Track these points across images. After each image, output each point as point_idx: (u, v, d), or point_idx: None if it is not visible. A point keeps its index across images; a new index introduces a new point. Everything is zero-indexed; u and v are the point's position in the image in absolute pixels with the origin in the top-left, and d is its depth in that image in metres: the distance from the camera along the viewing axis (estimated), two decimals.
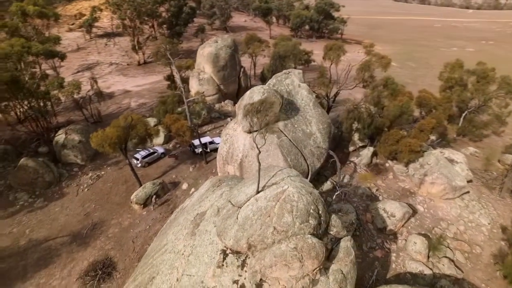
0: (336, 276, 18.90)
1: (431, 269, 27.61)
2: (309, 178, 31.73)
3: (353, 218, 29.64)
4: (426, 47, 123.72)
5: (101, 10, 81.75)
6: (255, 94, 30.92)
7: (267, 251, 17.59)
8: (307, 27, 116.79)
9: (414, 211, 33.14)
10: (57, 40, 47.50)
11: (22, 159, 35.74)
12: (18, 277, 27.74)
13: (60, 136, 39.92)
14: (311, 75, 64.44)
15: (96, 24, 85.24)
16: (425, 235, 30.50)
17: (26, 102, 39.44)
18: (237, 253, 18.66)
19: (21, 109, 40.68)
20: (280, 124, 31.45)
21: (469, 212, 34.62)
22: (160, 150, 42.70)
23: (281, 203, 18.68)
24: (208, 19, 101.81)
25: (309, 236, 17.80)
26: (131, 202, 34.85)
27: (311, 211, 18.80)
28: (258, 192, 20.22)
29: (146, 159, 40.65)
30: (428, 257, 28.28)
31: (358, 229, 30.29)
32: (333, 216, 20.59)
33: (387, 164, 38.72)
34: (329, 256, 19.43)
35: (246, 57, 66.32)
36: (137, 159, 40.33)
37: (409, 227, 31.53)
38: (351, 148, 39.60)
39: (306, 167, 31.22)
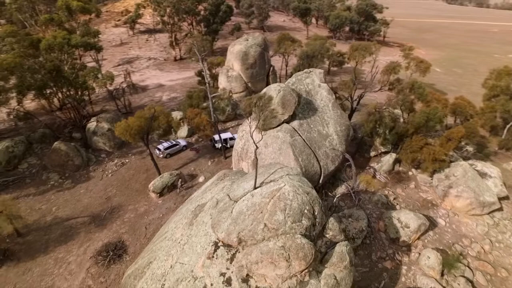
0: (328, 281, 18.42)
1: (444, 287, 25.83)
2: (321, 180, 31.05)
3: (363, 225, 28.54)
4: (478, 53, 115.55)
5: (144, 7, 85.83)
6: (271, 91, 30.85)
7: (255, 247, 17.54)
8: (347, 28, 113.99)
9: (434, 224, 31.20)
10: (96, 33, 50.73)
11: (55, 143, 38.64)
12: (40, 250, 30.06)
13: (92, 124, 42.59)
14: (344, 77, 62.88)
15: (139, 20, 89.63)
16: (442, 251, 28.62)
17: (65, 90, 42.60)
18: (228, 246, 18.79)
19: (61, 97, 43.94)
20: (295, 123, 31.07)
21: (499, 231, 31.91)
22: (183, 142, 44.00)
23: (274, 201, 18.53)
24: (246, 18, 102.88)
25: (299, 236, 17.46)
26: (148, 190, 36.31)
27: (305, 211, 18.44)
28: (255, 188, 20.21)
29: (168, 151, 42.08)
30: (442, 274, 26.47)
31: (368, 237, 29.12)
32: (331, 219, 20.01)
33: (410, 173, 36.77)
34: (322, 259, 18.96)
35: (279, 56, 66.23)
36: (160, 150, 41.89)
37: (426, 241, 29.72)
38: (372, 153, 38.09)
39: (319, 168, 30.55)
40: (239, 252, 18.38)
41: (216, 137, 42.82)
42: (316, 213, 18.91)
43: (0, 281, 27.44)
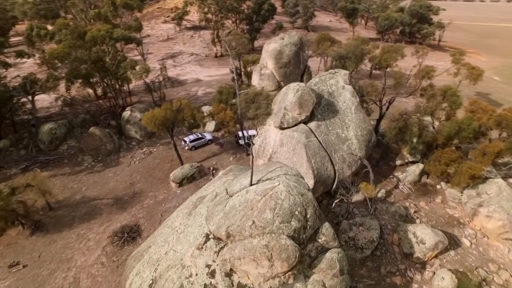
0: (315, 287, 17.91)
1: None
2: (334, 184, 30.06)
3: (375, 235, 27.15)
4: None
5: (191, 4, 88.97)
6: (290, 91, 30.52)
7: (240, 242, 17.57)
8: (398, 31, 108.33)
9: (457, 244, 28.74)
10: (138, 28, 53.73)
11: (91, 128, 41.77)
12: (66, 225, 32.78)
13: (126, 113, 45.30)
14: (388, 81, 59.87)
15: (186, 17, 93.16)
16: (462, 273, 26.31)
17: (105, 80, 45.82)
18: (218, 239, 19.03)
19: (102, 86, 47.31)
20: (313, 124, 30.39)
21: None
22: (208, 136, 45.10)
23: (266, 199, 18.40)
24: (291, 18, 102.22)
25: (285, 237, 17.16)
26: (169, 179, 37.81)
27: (296, 212, 18.06)
28: (251, 184, 20.20)
29: (193, 143, 43.41)
30: None
31: (380, 249, 27.64)
32: (326, 224, 19.36)
33: (438, 186, 34.17)
34: (311, 264, 18.44)
35: (316, 57, 65.00)
36: (185, 142, 43.36)
37: (445, 260, 27.48)
38: (398, 162, 35.97)
39: (333, 172, 29.60)
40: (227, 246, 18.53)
41: (241, 133, 43.31)
42: (308, 216, 18.43)
43: (29, 248, 30.43)
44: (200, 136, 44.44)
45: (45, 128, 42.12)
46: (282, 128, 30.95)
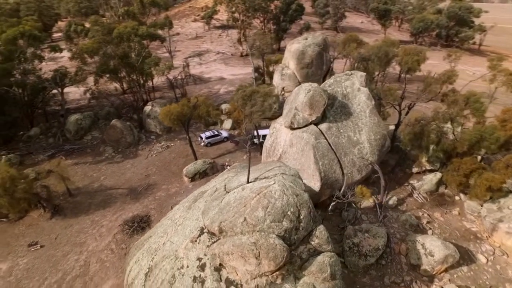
0: None
1: None
2: (342, 188, 29.37)
3: (380, 243, 26.25)
4: None
5: (220, 3, 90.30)
6: (301, 91, 30.22)
7: (229, 238, 17.71)
8: (434, 34, 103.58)
9: (471, 260, 27.13)
10: (163, 25, 55.38)
11: (113, 120, 43.64)
12: (82, 211, 34.52)
13: (148, 107, 46.89)
14: (411, 86, 57.58)
15: (215, 16, 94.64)
16: None
17: (131, 75, 47.69)
18: (212, 234, 19.29)
19: (127, 81, 49.29)
20: (323, 126, 29.88)
21: None
22: (224, 134, 45.63)
23: (259, 197, 18.41)
24: (320, 18, 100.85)
25: (274, 236, 17.08)
26: (183, 174, 38.69)
27: (289, 212, 17.92)
28: (248, 182, 20.27)
29: (209, 140, 44.11)
30: None
31: (385, 258, 26.68)
32: (320, 227, 19.03)
33: (456, 197, 32.40)
34: (302, 266, 18.20)
35: (341, 58, 63.72)
36: (201, 138, 44.17)
37: (455, 276, 26.03)
38: (415, 170, 34.48)
39: (341, 175, 28.93)
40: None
41: (256, 132, 43.41)
42: (301, 217, 18.22)
43: (48, 230, 32.39)
44: (216, 133, 45.07)
45: (72, 118, 44.59)
46: (292, 129, 30.70)
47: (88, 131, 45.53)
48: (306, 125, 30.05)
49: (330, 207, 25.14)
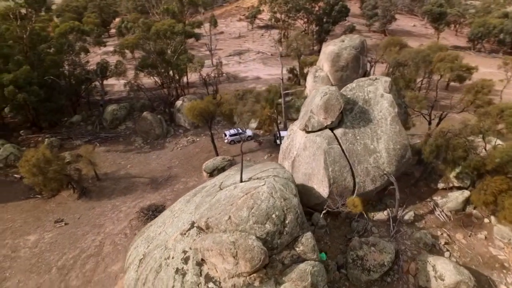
0: None
1: None
2: (353, 197, 28.05)
3: (386, 259, 24.68)
4: None
5: (264, 3, 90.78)
6: (318, 94, 29.43)
7: (212, 234, 17.87)
8: (496, 39, 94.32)
9: None
10: (199, 24, 57.05)
11: (145, 112, 46.03)
12: (106, 195, 36.96)
13: (178, 102, 48.75)
14: (459, 96, 53.27)
15: (259, 16, 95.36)
16: None
17: (165, 71, 49.95)
18: (200, 228, 19.61)
19: (162, 76, 51.65)
20: (339, 131, 28.81)
21: None
22: (249, 133, 45.91)
23: (247, 197, 18.36)
24: (368, 20, 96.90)
25: (254, 238, 16.91)
26: (202, 169, 39.69)
27: (273, 216, 17.64)
28: (241, 181, 20.27)
29: (232, 137, 44.71)
30: None
31: (391, 276, 25.03)
32: (308, 234, 18.45)
33: (486, 220, 29.34)
34: (284, 271, 17.80)
35: (381, 62, 60.79)
36: (225, 135, 44.90)
37: None
38: (440, 185, 31.80)
39: (352, 184, 27.66)
40: None
41: (282, 133, 43.14)
42: (286, 222, 17.82)
43: (74, 209, 35.20)
44: (240, 131, 45.49)
45: (109, 108, 47.89)
46: (307, 132, 30.01)
47: (123, 121, 48.54)
48: (320, 129, 29.21)
49: (321, 215, 24.12)
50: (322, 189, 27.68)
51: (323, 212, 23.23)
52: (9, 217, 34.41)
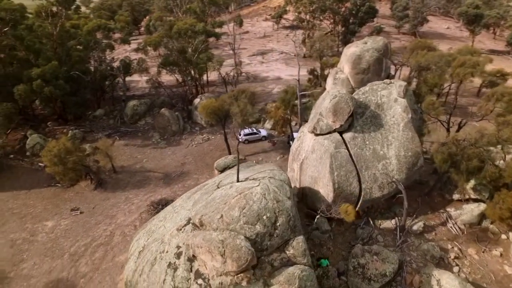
0: None
1: None
2: (359, 204, 27.41)
3: (389, 269, 23.91)
4: None
5: (290, 3, 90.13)
6: (327, 96, 29.01)
7: (203, 231, 18.11)
8: None
9: None
10: (220, 23, 57.63)
11: (162, 109, 47.27)
12: (120, 187, 38.39)
13: (197, 100, 49.63)
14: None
15: (285, 16, 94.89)
16: None
17: (186, 69, 51.05)
18: (195, 225, 19.93)
19: (183, 73, 52.80)
20: (348, 135, 28.19)
21: None
22: (263, 133, 45.96)
23: (240, 197, 18.46)
24: (398, 22, 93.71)
25: (243, 238, 16.97)
26: (214, 166, 40.21)
27: (264, 217, 17.63)
28: (238, 181, 20.39)
29: (246, 137, 44.92)
30: None
31: (393, 286, 24.21)
32: (299, 238, 18.25)
33: (503, 236, 27.62)
34: (272, 273, 17.73)
35: (407, 66, 58.69)
36: (240, 135, 45.19)
37: None
38: (455, 196, 30.25)
39: (357, 190, 26.97)
40: None
41: (294, 134, 42.84)
42: (278, 224, 17.74)
43: (90, 199, 36.86)
44: (255, 131, 45.64)
45: (130, 104, 49.65)
46: (316, 134, 29.61)
47: (143, 116, 50.14)
48: (329, 132, 28.72)
49: (315, 220, 23.64)
50: (327, 193, 27.22)
51: (317, 217, 22.82)
52: (31, 202, 36.62)
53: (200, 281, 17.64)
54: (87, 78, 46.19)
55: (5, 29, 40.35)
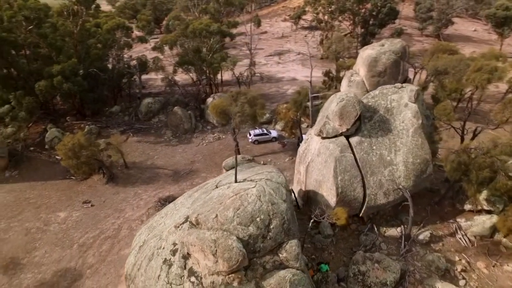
0: None
1: None
2: (362, 210, 26.90)
3: (389, 279, 23.35)
4: None
5: (309, 4, 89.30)
6: (335, 99, 28.56)
7: (198, 230, 18.31)
8: None
9: None
10: (235, 24, 57.88)
11: (175, 107, 48.03)
12: (131, 182, 39.36)
13: (209, 99, 50.09)
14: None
15: (304, 17, 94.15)
16: None
17: (200, 68, 51.67)
18: (192, 223, 20.15)
19: (198, 72, 53.45)
20: (354, 139, 27.70)
21: None
22: (274, 134, 45.85)
23: (235, 198, 18.55)
24: (421, 24, 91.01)
25: (235, 238, 17.03)
26: (222, 166, 40.49)
27: (257, 219, 17.64)
28: (236, 181, 20.48)
29: (256, 137, 44.96)
30: None
31: None
32: (293, 241, 18.12)
33: None
34: (264, 275, 17.71)
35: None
36: (250, 135, 45.29)
37: None
38: (467, 207, 29.08)
39: (361, 195, 26.45)
40: None
41: (304, 136, 42.50)
42: (271, 227, 17.71)
43: (101, 193, 38.02)
44: (265, 132, 45.61)
45: (145, 101, 50.75)
46: (322, 138, 29.27)
47: (156, 114, 51.16)
48: (335, 136, 28.33)
49: (310, 224, 23.27)
50: (330, 197, 26.91)
51: (311, 221, 22.55)
52: (47, 193, 38.17)
53: (193, 278, 17.86)
54: (104, 76, 47.58)
55: (30, 27, 42.12)
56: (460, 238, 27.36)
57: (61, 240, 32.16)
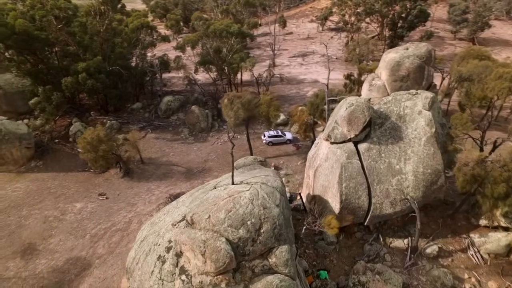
0: None
1: None
2: (367, 219, 26.13)
3: None
4: None
5: (336, 5, 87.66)
6: (344, 104, 27.96)
7: (190, 229, 18.58)
8: None
9: None
10: (255, 24, 57.83)
11: (193, 106, 48.89)
12: (145, 178, 40.53)
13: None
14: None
15: (331, 18, 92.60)
16: None
17: (221, 68, 52.29)
18: (188, 222, 20.49)
19: (218, 72, 54.14)
20: (362, 146, 26.96)
21: None
22: (288, 136, 45.53)
23: (228, 200, 18.66)
24: (454, 26, 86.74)
25: (224, 240, 17.14)
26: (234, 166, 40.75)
27: (248, 222, 17.65)
28: (233, 183, 20.58)
29: (270, 139, 44.84)
30: None
31: None
32: (283, 247, 17.94)
33: None
34: (252, 279, 17.69)
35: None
36: (264, 136, 45.25)
37: None
38: (482, 222, 27.40)
39: (366, 204, 25.67)
40: None
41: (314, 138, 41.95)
42: (262, 231, 17.64)
43: (116, 186, 39.45)
44: (279, 133, 45.39)
45: (165, 99, 52.07)
46: (331, 143, 28.75)
47: (175, 112, 52.31)
48: (343, 141, 27.73)
49: (302, 231, 22.76)
50: (334, 204, 26.39)
51: (303, 228, 22.15)
52: (66, 184, 40.16)
53: (183, 277, 18.15)
54: (126, 73, 49.32)
55: (59, 26, 44.47)
56: (472, 255, 25.91)
57: (75, 229, 33.74)
